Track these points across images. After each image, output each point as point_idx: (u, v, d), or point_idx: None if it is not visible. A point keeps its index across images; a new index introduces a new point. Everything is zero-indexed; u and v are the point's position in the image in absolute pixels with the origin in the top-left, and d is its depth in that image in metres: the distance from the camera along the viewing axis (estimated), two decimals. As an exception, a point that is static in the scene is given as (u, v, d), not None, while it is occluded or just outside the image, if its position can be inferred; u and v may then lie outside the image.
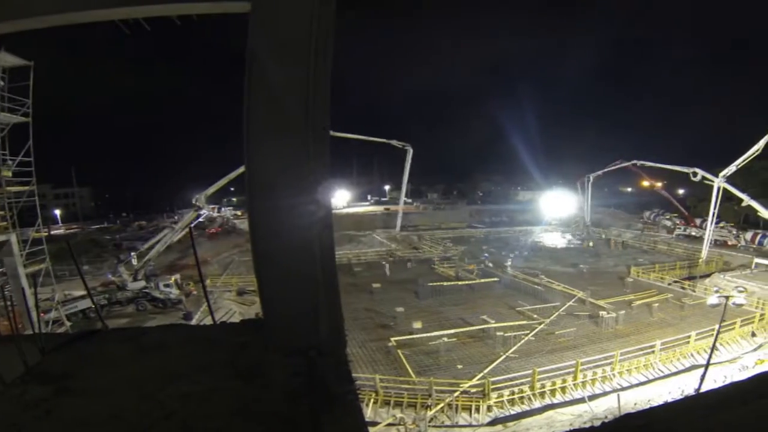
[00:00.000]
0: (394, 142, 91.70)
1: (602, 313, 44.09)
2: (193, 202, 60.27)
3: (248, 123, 3.25)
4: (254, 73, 3.22)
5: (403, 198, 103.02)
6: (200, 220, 73.61)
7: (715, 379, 31.07)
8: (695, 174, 71.98)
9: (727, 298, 33.45)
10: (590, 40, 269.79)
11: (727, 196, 71.03)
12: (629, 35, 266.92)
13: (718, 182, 66.94)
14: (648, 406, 3.01)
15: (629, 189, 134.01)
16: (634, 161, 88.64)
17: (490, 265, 66.96)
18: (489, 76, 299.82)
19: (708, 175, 69.76)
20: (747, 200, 63.73)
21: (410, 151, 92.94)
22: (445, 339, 38.15)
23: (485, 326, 41.54)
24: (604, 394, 33.47)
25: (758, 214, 65.39)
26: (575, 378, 33.80)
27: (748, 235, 78.02)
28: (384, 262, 69.41)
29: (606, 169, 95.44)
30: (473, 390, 32.37)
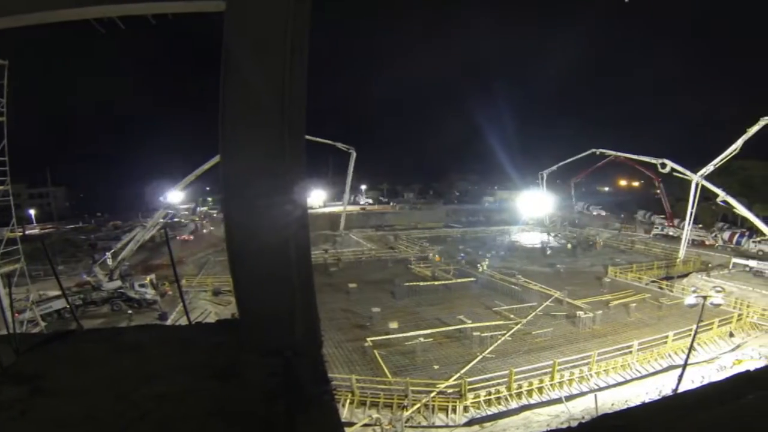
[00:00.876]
0: (339, 145, 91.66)
1: (579, 313, 44.47)
2: (161, 200, 60.30)
3: (224, 122, 3.23)
4: (230, 72, 3.20)
5: (346, 198, 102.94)
6: (175, 219, 73.34)
7: (693, 380, 31.27)
8: (664, 165, 72.16)
9: (704, 298, 33.65)
10: (568, 38, 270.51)
11: (704, 196, 71.68)
12: (609, 33, 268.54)
13: (696, 179, 67.40)
14: (625, 407, 3.03)
15: (606, 188, 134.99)
16: (593, 149, 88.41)
17: (460, 263, 67.94)
18: (465, 75, 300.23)
19: (677, 167, 69.97)
20: (723, 195, 64.14)
21: (353, 155, 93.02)
22: (422, 339, 38.34)
23: (462, 326, 41.80)
24: (582, 394, 33.71)
25: (735, 210, 65.89)
26: (552, 378, 34.06)
27: (726, 234, 78.63)
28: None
29: (566, 162, 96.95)
30: (450, 390, 32.57)
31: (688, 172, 68.30)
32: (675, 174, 70.84)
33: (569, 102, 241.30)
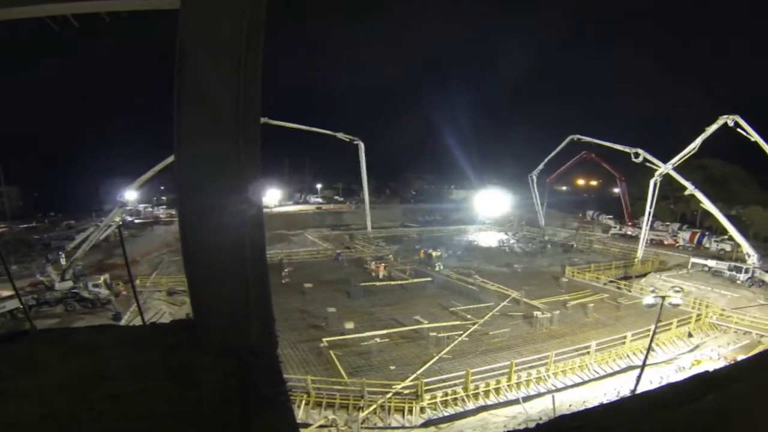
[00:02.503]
0: (340, 135, 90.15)
1: (537, 313, 44.81)
2: (118, 199, 59.91)
3: (178, 122, 3.20)
4: (184, 72, 3.17)
5: (367, 198, 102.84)
6: (132, 219, 72.61)
7: (652, 380, 31.62)
8: (637, 155, 72.64)
9: (663, 298, 34.10)
10: (526, 36, 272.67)
11: (663, 195, 72.62)
12: (568, 32, 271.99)
13: (660, 173, 68.06)
14: (583, 408, 3.04)
15: (564, 188, 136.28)
16: (571, 136, 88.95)
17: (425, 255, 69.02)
18: (422, 74, 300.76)
19: (650, 157, 70.54)
20: (691, 189, 64.71)
21: (362, 145, 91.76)
22: (378, 340, 38.49)
23: (418, 327, 41.93)
24: (539, 395, 33.94)
25: (700, 204, 66.63)
26: (509, 379, 34.23)
27: (687, 234, 79.72)
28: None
29: (551, 156, 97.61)
30: (406, 391, 32.66)
31: (660, 163, 69.23)
32: (647, 164, 71.38)
33: (525, 101, 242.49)
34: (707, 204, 63.89)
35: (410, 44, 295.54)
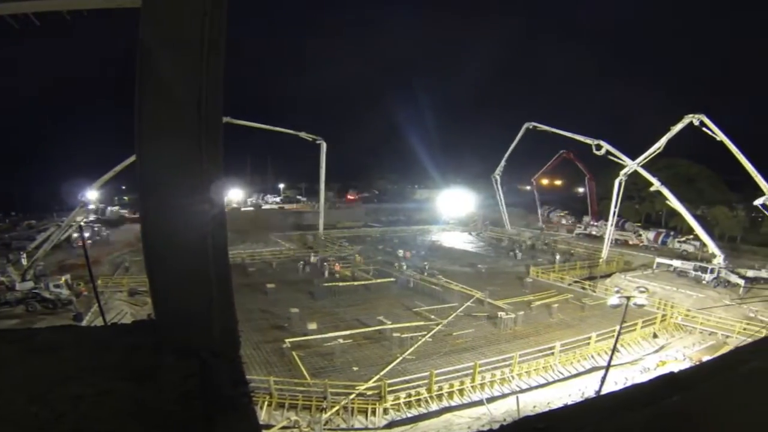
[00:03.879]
0: (303, 135, 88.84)
1: (501, 313, 44.91)
2: (79, 198, 59.29)
3: (140, 122, 3.18)
4: (146, 71, 3.15)
5: (322, 195, 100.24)
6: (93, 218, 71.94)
7: (616, 381, 31.81)
8: (599, 147, 72.68)
9: (628, 298, 34.23)
10: (489, 34, 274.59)
11: (628, 195, 73.02)
12: (533, 28, 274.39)
13: (626, 171, 68.49)
14: (548, 408, 3.07)
15: (528, 187, 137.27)
16: (527, 124, 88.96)
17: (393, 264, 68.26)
18: (385, 73, 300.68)
19: (613, 150, 70.64)
20: (657, 185, 64.88)
21: (324, 145, 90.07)
22: (341, 340, 38.34)
23: (381, 327, 41.77)
24: (503, 396, 34.03)
25: (667, 202, 67.00)
26: (473, 380, 34.22)
27: (651, 234, 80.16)
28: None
29: (509, 151, 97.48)
30: (369, 392, 32.48)
31: (624, 157, 69.67)
32: (611, 158, 71.68)
33: (489, 100, 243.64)
34: (674, 201, 63.99)
35: (373, 44, 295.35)
